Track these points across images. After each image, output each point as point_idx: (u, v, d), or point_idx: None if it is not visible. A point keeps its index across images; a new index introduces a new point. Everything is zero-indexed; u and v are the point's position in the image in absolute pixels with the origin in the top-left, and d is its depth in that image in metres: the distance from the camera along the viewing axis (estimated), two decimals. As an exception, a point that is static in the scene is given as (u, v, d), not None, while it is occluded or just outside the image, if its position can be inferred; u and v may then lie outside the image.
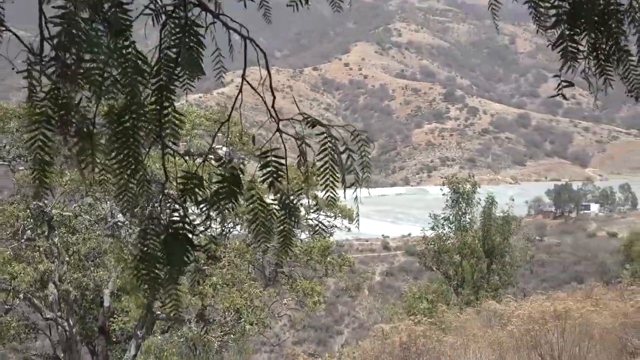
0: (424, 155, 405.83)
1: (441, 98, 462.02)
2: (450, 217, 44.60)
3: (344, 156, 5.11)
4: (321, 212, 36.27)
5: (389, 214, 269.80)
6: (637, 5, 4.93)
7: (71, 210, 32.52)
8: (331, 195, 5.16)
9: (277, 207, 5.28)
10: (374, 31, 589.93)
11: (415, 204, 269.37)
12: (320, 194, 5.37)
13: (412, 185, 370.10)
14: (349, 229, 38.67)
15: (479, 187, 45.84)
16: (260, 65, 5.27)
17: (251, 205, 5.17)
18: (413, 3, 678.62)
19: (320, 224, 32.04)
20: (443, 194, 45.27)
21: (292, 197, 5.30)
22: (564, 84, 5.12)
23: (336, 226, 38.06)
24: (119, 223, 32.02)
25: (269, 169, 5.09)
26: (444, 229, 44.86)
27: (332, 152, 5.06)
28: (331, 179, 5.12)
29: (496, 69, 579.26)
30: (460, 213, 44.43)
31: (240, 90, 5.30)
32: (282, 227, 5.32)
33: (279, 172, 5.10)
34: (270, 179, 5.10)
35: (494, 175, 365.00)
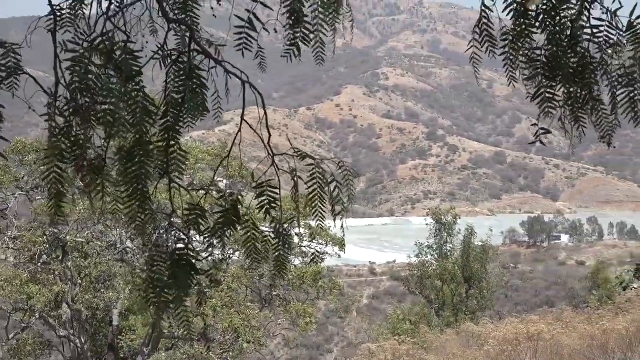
0: (408, 189, 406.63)
1: (424, 137, 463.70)
2: (433, 246, 44.68)
3: (332, 186, 5.14)
4: (314, 240, 36.37)
5: (375, 242, 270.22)
6: (608, 59, 4.96)
7: (84, 236, 32.47)
8: (320, 220, 5.20)
9: (272, 235, 5.33)
10: (363, 75, 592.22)
11: (399, 234, 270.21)
12: (313, 224, 5.46)
13: (397, 216, 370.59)
14: (339, 256, 38.74)
15: (459, 218, 45.97)
16: (258, 105, 5.32)
17: (246, 232, 5.23)
18: (399, 50, 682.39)
19: (316, 252, 32.08)
20: (426, 224, 45.39)
21: (285, 226, 5.34)
22: (542, 131, 5.14)
23: (327, 253, 38.08)
24: (128, 249, 32.05)
25: (263, 198, 5.15)
26: (427, 257, 44.91)
27: (320, 181, 5.11)
28: (319, 205, 5.13)
29: (475, 110, 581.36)
30: (442, 242, 44.53)
31: (240, 129, 5.35)
32: (277, 254, 5.36)
33: (273, 202, 5.15)
34: (265, 208, 5.15)
35: (472, 208, 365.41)
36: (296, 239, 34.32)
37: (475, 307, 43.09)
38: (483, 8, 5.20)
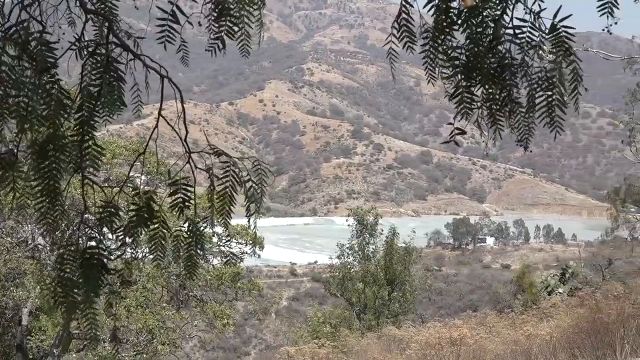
0: (331, 188, 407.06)
1: (349, 135, 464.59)
2: (355, 247, 44.80)
3: (247, 185, 5.18)
4: (233, 239, 36.31)
5: (297, 243, 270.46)
6: (529, 61, 5.02)
7: (-8, 232, 31.97)
8: (226, 218, 5.24)
9: (185, 233, 5.35)
10: (288, 70, 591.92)
11: (322, 234, 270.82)
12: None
13: (319, 216, 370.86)
14: (259, 256, 38.76)
15: (381, 217, 46.15)
16: (177, 101, 5.32)
17: (154, 228, 5.24)
18: (325, 45, 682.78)
19: (231, 254, 32.03)
20: (348, 225, 45.45)
21: (199, 225, 5.36)
22: (457, 131, 5.21)
23: (246, 252, 38.05)
24: (39, 246, 31.62)
25: (177, 196, 5.16)
26: (349, 258, 45.02)
27: (234, 180, 5.14)
28: (228, 203, 5.17)
29: (401, 108, 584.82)
30: (364, 243, 44.67)
31: (157, 125, 5.34)
32: (188, 253, 5.38)
33: (187, 200, 5.17)
34: (179, 206, 5.16)
35: (396, 208, 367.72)
36: (215, 238, 34.32)
37: (397, 310, 43.34)
38: (403, 3, 5.24)
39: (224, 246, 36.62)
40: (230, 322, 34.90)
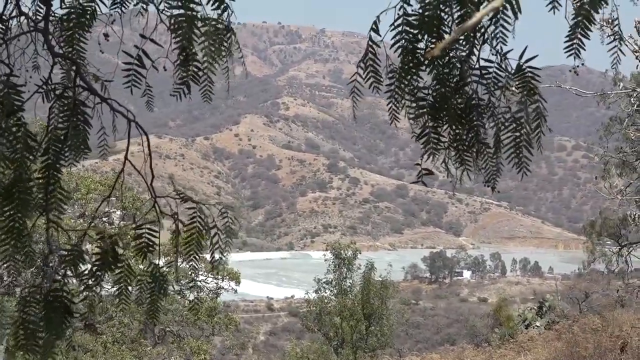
0: (308, 222, 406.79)
1: (325, 169, 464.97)
2: (332, 281, 44.81)
3: (212, 232, 5.21)
4: (209, 275, 36.30)
5: (273, 277, 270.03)
6: (496, 101, 5.03)
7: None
8: (193, 266, 5.26)
9: (148, 278, 5.35)
10: (263, 104, 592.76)
11: (298, 268, 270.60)
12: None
13: (296, 250, 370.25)
14: (235, 291, 38.71)
15: (360, 252, 46.20)
16: (143, 145, 5.33)
17: (119, 272, 5.25)
18: (300, 79, 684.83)
19: (196, 300, 32.01)
20: (325, 260, 45.46)
21: (162, 269, 5.38)
22: (424, 171, 5.22)
23: (223, 287, 38.02)
24: (14, 282, 31.42)
25: (141, 240, 5.16)
26: (326, 292, 45.02)
27: (200, 226, 5.15)
28: (195, 249, 5.19)
29: (377, 142, 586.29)
30: (341, 277, 44.67)
31: (122, 170, 5.37)
32: (151, 297, 5.39)
33: (151, 245, 5.17)
34: (142, 250, 5.16)
35: (373, 242, 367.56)
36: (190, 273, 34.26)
37: (375, 345, 43.32)
38: (370, 43, 5.26)
39: (199, 281, 36.57)
40: (208, 357, 34.84)
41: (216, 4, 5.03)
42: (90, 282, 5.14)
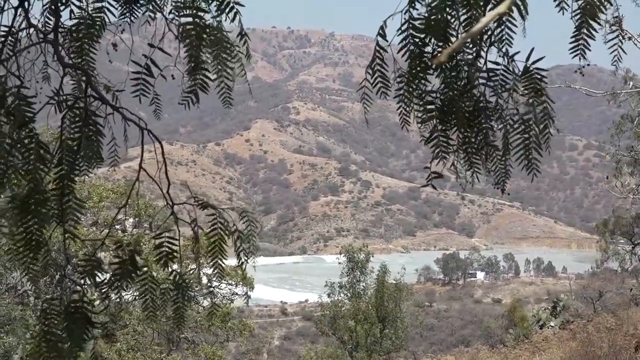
0: (320, 225, 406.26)
1: (336, 172, 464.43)
2: (346, 285, 44.79)
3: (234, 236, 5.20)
4: (223, 280, 36.29)
5: (287, 281, 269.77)
6: (503, 103, 5.02)
7: (-19, 280, 31.88)
8: (219, 274, 5.26)
9: (171, 286, 5.35)
10: (274, 109, 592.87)
11: (311, 272, 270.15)
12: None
13: (309, 254, 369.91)
14: (249, 296, 38.73)
15: (373, 255, 46.20)
16: (156, 153, 5.34)
17: (143, 284, 5.25)
18: (311, 83, 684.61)
19: (214, 305, 32.09)
20: (339, 263, 45.46)
21: (184, 277, 5.37)
22: (434, 175, 5.23)
23: (237, 293, 38.04)
24: (29, 292, 31.51)
25: (162, 249, 5.16)
26: (340, 296, 45.02)
27: (221, 232, 5.16)
28: (220, 255, 5.19)
29: (388, 145, 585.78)
30: (355, 281, 44.66)
31: (137, 178, 5.38)
32: (175, 305, 5.39)
33: (171, 253, 5.17)
34: (163, 259, 5.17)
35: (386, 245, 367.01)
36: (205, 279, 34.28)
37: (389, 348, 43.28)
38: (377, 48, 5.27)
39: (213, 288, 36.57)
40: (222, 363, 34.83)
41: (225, 11, 5.05)
42: (109, 292, 5.15)
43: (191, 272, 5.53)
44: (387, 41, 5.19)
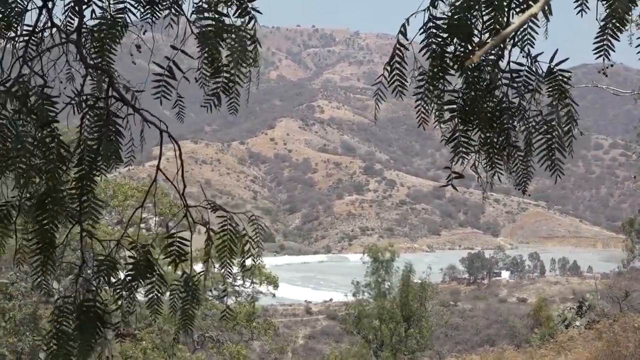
0: (345, 224, 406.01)
1: (361, 171, 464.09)
2: (371, 284, 44.79)
3: (244, 240, 5.23)
4: (247, 279, 36.36)
5: (311, 280, 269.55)
6: (526, 104, 4.98)
7: (8, 277, 32.03)
8: (227, 271, 5.28)
9: (181, 287, 5.37)
10: (298, 108, 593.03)
11: (336, 271, 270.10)
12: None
13: (333, 253, 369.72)
14: (274, 295, 38.78)
15: (398, 255, 46.17)
16: (176, 157, 5.35)
17: (150, 283, 5.27)
18: (335, 82, 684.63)
19: (227, 310, 32.11)
20: (363, 262, 45.47)
21: (195, 279, 5.39)
22: (454, 175, 5.19)
23: (261, 292, 38.12)
24: (54, 290, 31.60)
25: (172, 249, 5.18)
26: (365, 295, 45.04)
27: (231, 235, 5.17)
28: (228, 257, 5.20)
29: (413, 143, 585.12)
30: (379, 280, 44.65)
31: (154, 180, 5.39)
32: (183, 307, 5.41)
33: (182, 254, 5.18)
34: (173, 260, 5.18)
35: (410, 244, 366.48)
36: (229, 279, 34.35)
37: (414, 347, 43.24)
38: (398, 46, 5.24)
39: (238, 286, 36.66)
40: (247, 362, 34.90)
41: (242, 13, 5.05)
42: (124, 292, 5.17)
43: (204, 273, 5.52)
44: (407, 40, 5.17)
